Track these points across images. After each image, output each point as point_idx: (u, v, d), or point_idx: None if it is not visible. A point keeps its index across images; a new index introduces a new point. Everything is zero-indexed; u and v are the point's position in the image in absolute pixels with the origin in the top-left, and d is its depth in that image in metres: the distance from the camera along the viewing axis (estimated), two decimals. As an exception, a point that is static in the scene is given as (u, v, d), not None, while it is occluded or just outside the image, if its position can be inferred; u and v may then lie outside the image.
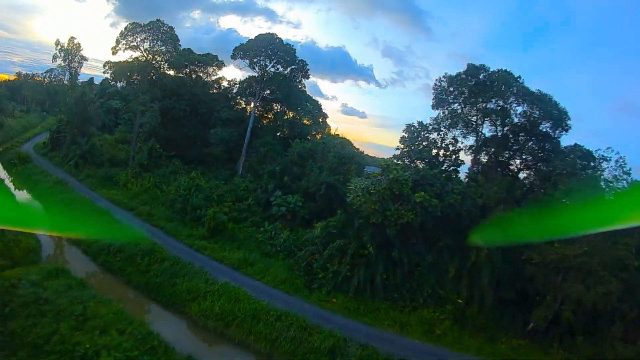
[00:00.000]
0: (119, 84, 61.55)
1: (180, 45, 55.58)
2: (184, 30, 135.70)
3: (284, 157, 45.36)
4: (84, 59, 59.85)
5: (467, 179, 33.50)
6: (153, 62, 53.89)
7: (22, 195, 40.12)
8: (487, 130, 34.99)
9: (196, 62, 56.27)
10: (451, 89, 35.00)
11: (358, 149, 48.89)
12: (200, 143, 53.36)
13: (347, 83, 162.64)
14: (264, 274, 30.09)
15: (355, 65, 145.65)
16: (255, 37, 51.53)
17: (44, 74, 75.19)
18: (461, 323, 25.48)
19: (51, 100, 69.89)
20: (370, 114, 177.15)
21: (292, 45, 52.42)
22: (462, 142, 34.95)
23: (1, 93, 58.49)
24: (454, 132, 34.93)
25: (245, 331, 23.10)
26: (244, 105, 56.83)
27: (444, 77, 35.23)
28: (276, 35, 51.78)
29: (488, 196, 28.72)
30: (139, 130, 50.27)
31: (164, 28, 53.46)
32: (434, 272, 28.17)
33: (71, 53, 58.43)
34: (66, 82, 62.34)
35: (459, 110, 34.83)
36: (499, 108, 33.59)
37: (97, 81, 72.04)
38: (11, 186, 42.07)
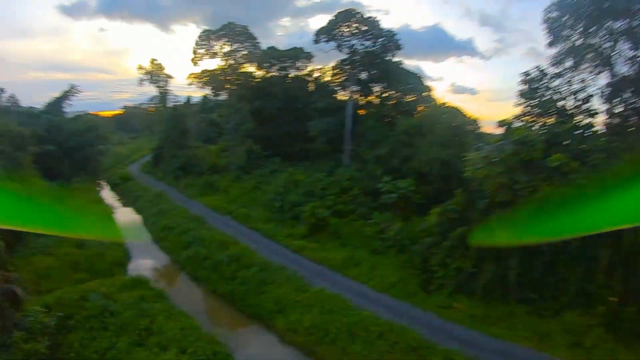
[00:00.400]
0: (217, 97, 63.96)
1: (259, 42, 54.90)
2: (277, 39, 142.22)
3: (390, 139, 39.83)
4: (169, 77, 63.51)
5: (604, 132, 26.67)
6: (234, 64, 53.94)
7: (125, 210, 42.97)
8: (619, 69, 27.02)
9: (282, 58, 54.70)
10: (565, 17, 27.52)
11: (471, 118, 40.51)
12: (300, 139, 51.30)
13: (450, 61, 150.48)
14: (371, 275, 24.33)
15: (455, 41, 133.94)
16: (335, 15, 48.15)
17: (148, 102, 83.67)
18: (615, 329, 18.30)
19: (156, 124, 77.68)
20: (480, 89, 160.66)
21: (375, 18, 47.87)
22: (592, 85, 27.45)
23: (106, 125, 66.88)
24: (581, 75, 27.50)
25: (339, 351, 17.53)
26: (340, 92, 53.23)
27: (552, 4, 27.81)
28: (354, 10, 47.69)
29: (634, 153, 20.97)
30: (234, 133, 50.23)
31: (238, 28, 53.19)
32: (582, 261, 20.37)
33: (155, 74, 62.30)
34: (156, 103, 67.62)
35: (581, 43, 27.30)
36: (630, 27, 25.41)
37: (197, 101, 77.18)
38: (117, 204, 45.79)
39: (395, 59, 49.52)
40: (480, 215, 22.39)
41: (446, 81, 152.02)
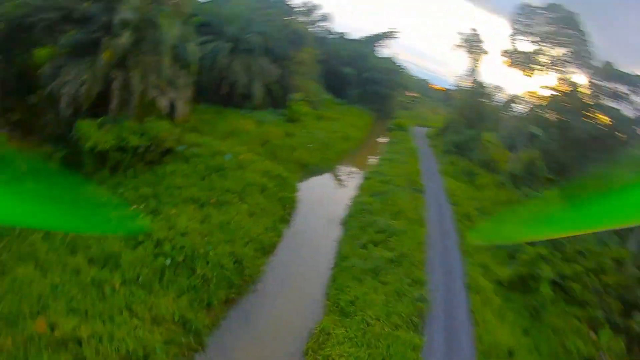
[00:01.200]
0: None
1: (587, 40, 39.45)
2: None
3: None
4: (485, 52, 57.18)
5: None
6: (551, 59, 41.42)
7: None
8: None
9: (615, 81, 37.87)
10: None
11: None
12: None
13: None
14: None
15: None
16: None
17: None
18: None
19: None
20: None
21: None
22: None
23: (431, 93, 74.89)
24: None
25: None
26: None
27: None
28: None
29: None
30: (525, 138, 40.02)
31: (562, 13, 40.10)
32: None
33: (473, 44, 57.19)
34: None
35: None
36: None
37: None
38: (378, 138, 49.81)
39: None
40: None
41: None
